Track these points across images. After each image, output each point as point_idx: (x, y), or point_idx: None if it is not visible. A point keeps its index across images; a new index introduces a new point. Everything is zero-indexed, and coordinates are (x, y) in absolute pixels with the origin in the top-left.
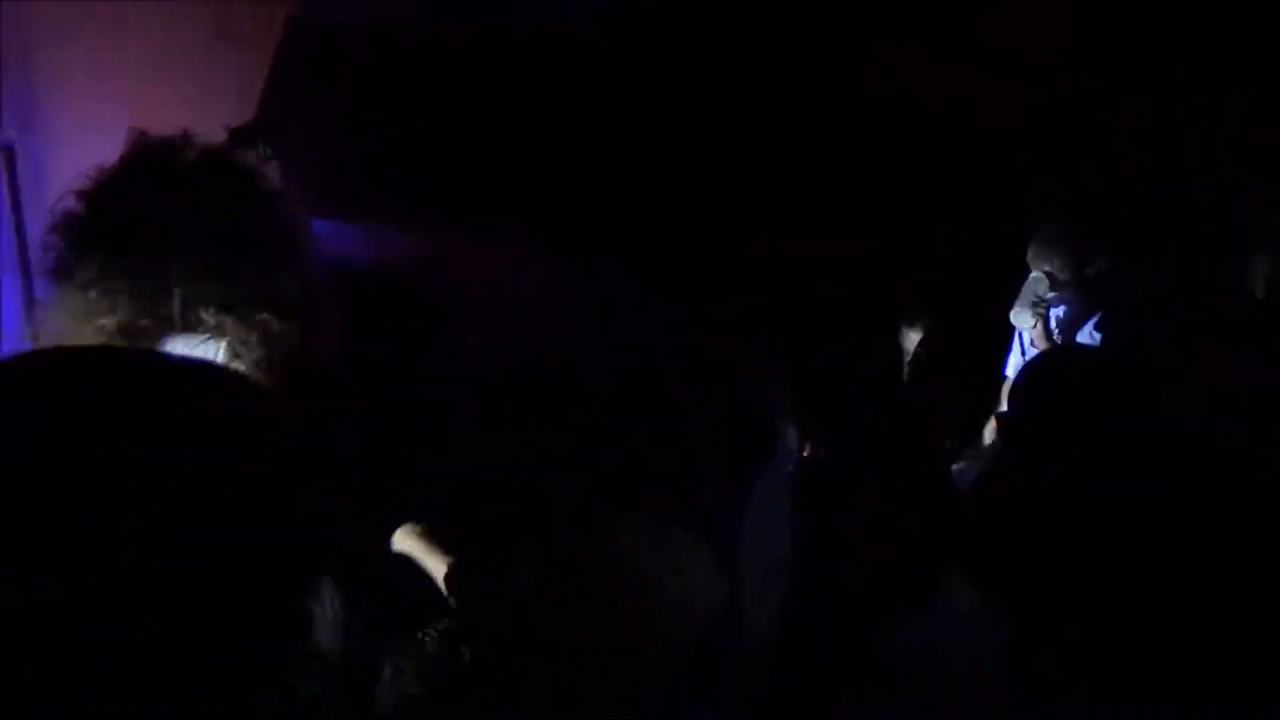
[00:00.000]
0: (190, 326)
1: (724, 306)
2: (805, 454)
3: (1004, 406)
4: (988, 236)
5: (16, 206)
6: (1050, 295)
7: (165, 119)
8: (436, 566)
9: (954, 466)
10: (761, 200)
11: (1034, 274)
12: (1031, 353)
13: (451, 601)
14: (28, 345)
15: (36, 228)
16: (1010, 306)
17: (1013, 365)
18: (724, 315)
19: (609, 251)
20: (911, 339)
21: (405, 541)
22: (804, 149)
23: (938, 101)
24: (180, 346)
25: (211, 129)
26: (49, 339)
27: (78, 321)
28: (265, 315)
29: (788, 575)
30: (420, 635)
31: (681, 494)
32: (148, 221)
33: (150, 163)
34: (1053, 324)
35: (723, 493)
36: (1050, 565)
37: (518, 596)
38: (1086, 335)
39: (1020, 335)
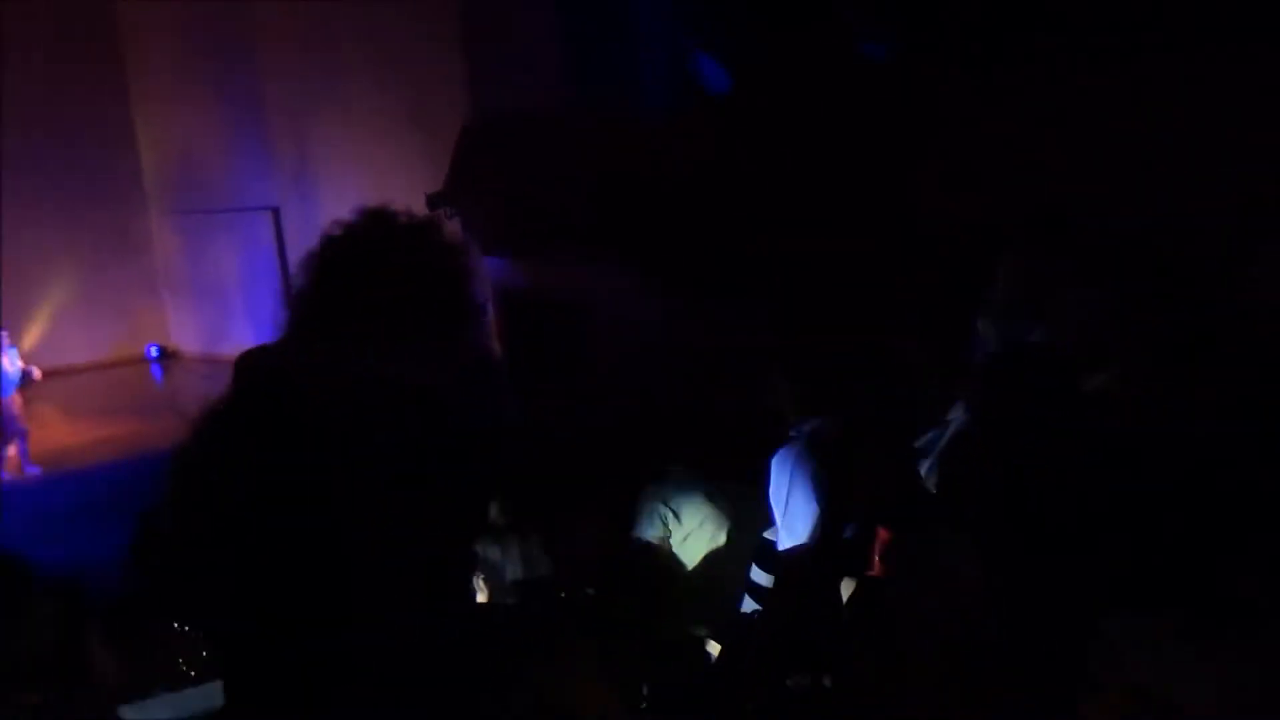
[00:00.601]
0: (396, 336)
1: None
2: (806, 427)
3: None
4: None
5: (283, 260)
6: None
7: (386, 185)
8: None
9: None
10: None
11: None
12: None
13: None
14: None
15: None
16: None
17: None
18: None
19: (693, 288)
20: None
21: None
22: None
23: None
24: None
25: (414, 193)
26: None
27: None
28: (445, 327)
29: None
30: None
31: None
32: (373, 262)
33: (377, 223)
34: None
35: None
36: (1006, 504)
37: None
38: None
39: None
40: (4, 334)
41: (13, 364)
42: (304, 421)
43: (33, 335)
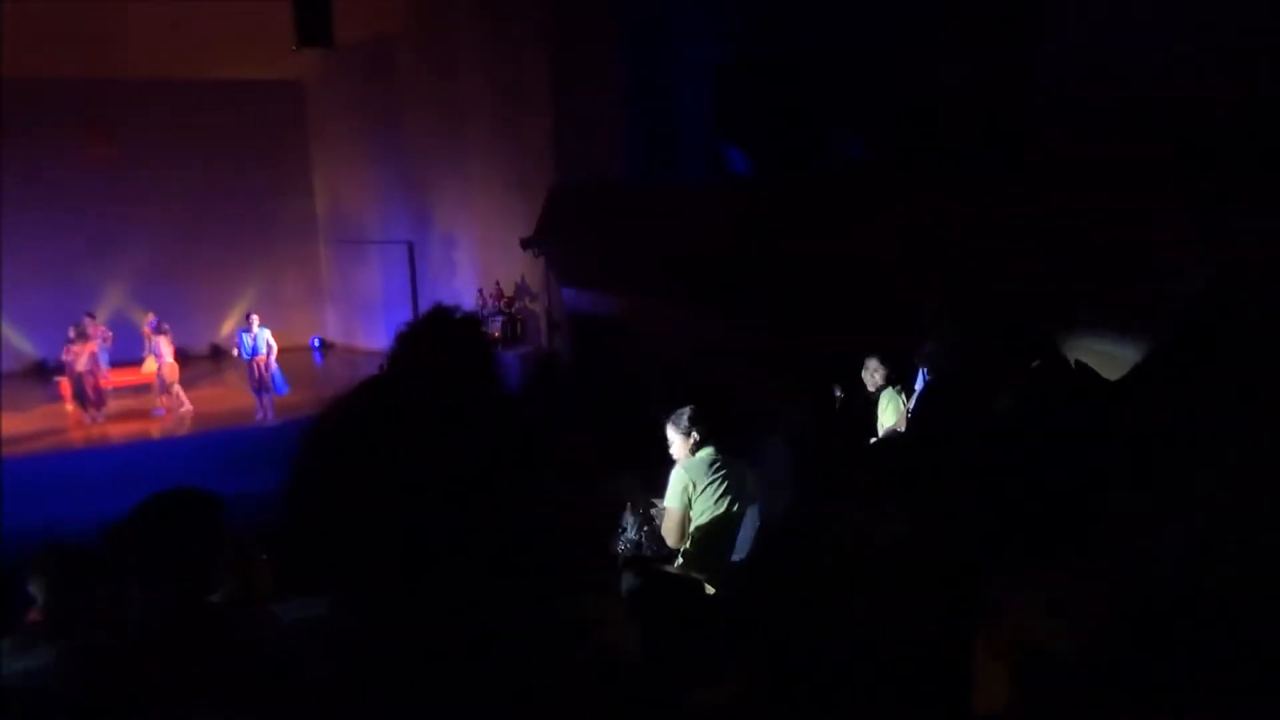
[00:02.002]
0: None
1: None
2: (798, 427)
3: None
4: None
5: (413, 281)
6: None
7: (492, 230)
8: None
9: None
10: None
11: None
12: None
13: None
14: None
15: (424, 296)
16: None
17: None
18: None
19: (713, 316)
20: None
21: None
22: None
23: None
24: None
25: (512, 237)
26: None
27: None
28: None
29: (787, 485)
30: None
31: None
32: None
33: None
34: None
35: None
36: (932, 485)
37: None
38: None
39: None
40: (255, 317)
41: (255, 337)
42: (412, 413)
43: (229, 327)
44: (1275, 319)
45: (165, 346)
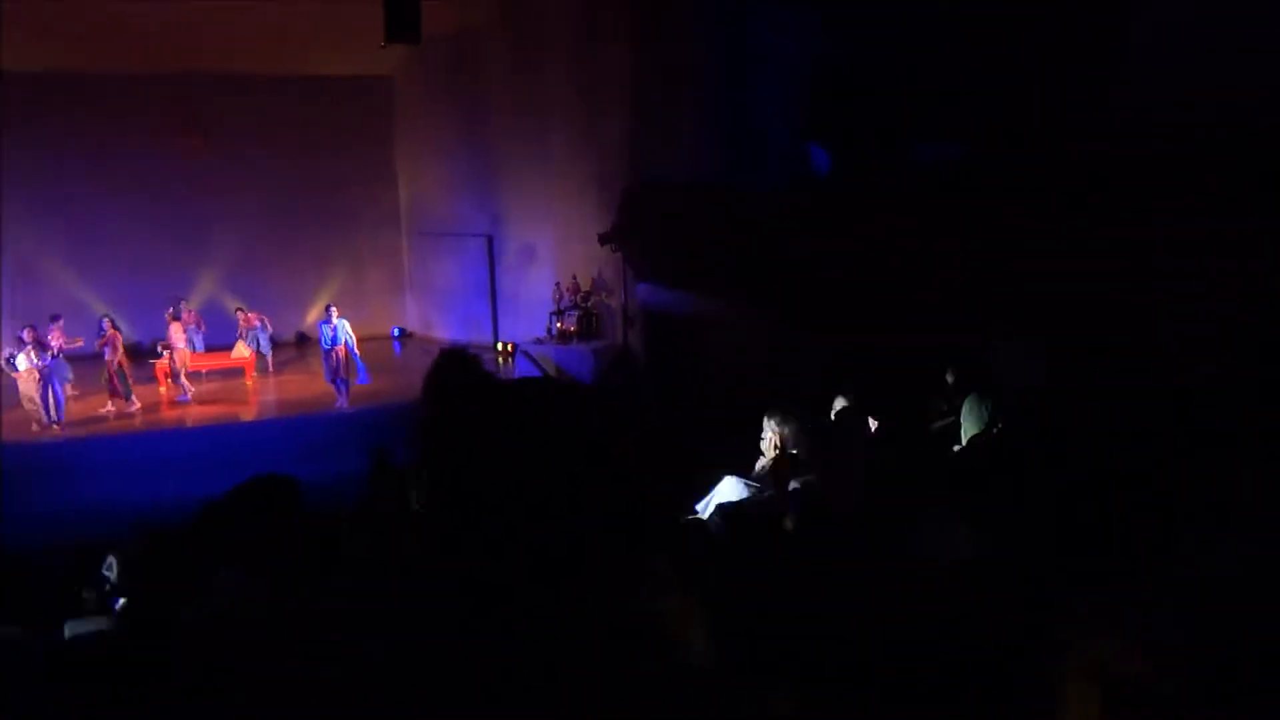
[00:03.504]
0: None
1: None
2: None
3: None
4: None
5: (492, 274)
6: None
7: (570, 226)
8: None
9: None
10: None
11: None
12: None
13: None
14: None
15: (501, 289)
16: None
17: None
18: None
19: (781, 320)
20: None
21: None
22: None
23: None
24: None
25: (589, 233)
26: None
27: None
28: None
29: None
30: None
31: None
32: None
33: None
34: None
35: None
36: (1006, 497)
37: None
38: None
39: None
40: (334, 309)
41: (334, 328)
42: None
43: (312, 318)
44: None
45: (178, 333)
